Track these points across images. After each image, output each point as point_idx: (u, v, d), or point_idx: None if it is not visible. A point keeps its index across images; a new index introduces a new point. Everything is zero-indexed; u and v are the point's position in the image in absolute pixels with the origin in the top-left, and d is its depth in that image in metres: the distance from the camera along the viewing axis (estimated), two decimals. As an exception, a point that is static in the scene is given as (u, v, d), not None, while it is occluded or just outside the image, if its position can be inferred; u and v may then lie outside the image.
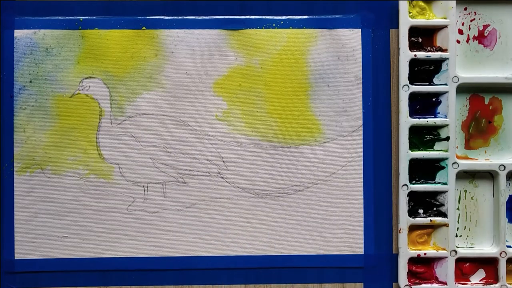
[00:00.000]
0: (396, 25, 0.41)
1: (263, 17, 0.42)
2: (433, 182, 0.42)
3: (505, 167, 0.41)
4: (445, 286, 0.41)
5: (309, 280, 0.42)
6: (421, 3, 0.41)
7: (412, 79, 0.41)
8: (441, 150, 0.41)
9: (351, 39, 0.42)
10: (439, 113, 0.42)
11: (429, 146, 0.42)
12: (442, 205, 0.41)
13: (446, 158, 0.41)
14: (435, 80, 0.42)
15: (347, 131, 0.42)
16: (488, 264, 0.42)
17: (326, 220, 0.42)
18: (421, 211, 0.42)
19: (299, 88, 0.42)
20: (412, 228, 0.41)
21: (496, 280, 0.41)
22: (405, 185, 0.41)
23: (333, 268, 0.42)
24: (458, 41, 0.42)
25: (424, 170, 0.41)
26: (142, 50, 0.41)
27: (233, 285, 0.42)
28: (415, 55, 0.41)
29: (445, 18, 0.41)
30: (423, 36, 0.42)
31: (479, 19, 0.42)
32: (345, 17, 0.42)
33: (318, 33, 0.42)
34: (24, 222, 0.41)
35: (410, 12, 0.41)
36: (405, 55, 0.41)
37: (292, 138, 0.42)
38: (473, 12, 0.42)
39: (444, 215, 0.41)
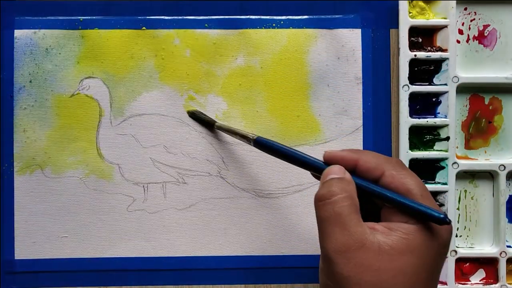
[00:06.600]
0: (396, 25, 0.41)
1: (263, 17, 0.42)
2: (433, 182, 0.41)
3: (505, 167, 0.41)
4: (445, 286, 0.41)
5: (309, 280, 0.42)
6: (421, 3, 0.41)
7: (412, 79, 0.41)
8: (441, 150, 0.41)
9: (351, 39, 0.42)
10: (439, 113, 0.41)
11: (429, 146, 0.42)
12: (442, 205, 0.41)
13: (446, 158, 0.41)
14: (435, 80, 0.42)
15: (347, 131, 0.42)
16: (488, 264, 0.42)
17: (326, 220, 0.41)
18: (421, 211, 0.42)
19: (299, 88, 0.42)
20: (412, 228, 0.41)
21: (496, 280, 0.41)
22: (405, 185, 0.41)
23: (333, 268, 0.41)
24: (458, 41, 0.42)
25: (424, 170, 0.41)
26: (142, 50, 0.41)
27: (233, 285, 0.42)
28: (415, 55, 0.41)
29: (445, 18, 0.41)
30: (423, 36, 0.42)
31: (479, 19, 0.42)
32: (345, 17, 0.42)
33: (318, 33, 0.42)
34: (24, 222, 0.41)
35: (410, 12, 0.41)
36: (405, 55, 0.41)
37: (292, 138, 0.42)
38: (473, 12, 0.42)
39: (444, 215, 0.41)
